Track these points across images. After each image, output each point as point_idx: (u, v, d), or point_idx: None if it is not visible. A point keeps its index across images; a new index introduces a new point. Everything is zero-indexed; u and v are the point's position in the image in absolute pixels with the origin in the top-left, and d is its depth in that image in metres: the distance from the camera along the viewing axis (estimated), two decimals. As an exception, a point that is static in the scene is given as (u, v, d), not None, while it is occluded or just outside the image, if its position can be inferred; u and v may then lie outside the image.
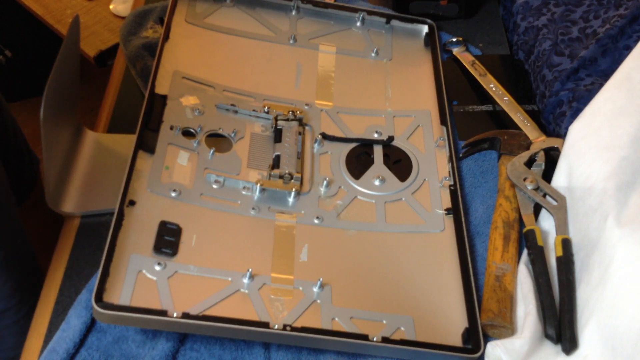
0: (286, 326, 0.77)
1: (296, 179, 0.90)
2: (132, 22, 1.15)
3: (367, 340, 0.78)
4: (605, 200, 0.80)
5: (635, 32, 1.03)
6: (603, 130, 0.86)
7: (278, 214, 0.88)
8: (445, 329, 0.81)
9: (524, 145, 0.98)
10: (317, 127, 0.99)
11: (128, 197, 0.84)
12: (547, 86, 1.03)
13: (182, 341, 0.80)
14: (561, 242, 0.84)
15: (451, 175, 0.96)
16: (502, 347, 0.77)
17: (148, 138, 0.90)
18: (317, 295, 0.81)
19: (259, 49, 1.08)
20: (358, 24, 1.15)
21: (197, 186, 0.88)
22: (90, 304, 0.75)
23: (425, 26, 1.16)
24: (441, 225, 0.91)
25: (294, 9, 1.13)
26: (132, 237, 0.81)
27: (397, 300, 0.83)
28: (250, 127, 0.97)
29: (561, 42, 1.06)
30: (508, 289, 0.84)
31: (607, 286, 0.75)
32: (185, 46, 1.04)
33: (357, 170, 0.95)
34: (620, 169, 0.82)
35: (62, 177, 0.93)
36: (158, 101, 0.94)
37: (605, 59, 1.02)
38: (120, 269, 0.78)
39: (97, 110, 1.10)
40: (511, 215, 0.91)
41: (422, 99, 1.06)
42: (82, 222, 0.92)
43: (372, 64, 1.10)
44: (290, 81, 1.05)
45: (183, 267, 0.80)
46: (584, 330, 0.77)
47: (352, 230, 0.89)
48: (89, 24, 1.74)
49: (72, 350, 0.78)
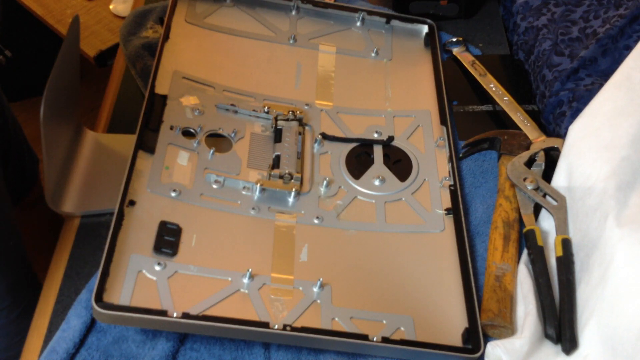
0: (286, 326, 0.77)
1: (296, 179, 0.90)
2: (132, 22, 1.15)
3: (367, 340, 0.78)
4: (605, 200, 0.80)
5: (635, 32, 1.03)
6: (603, 130, 0.86)
7: (278, 214, 0.88)
8: (445, 329, 0.81)
9: (524, 145, 0.98)
10: (317, 127, 0.99)
11: (128, 197, 0.84)
12: (547, 86, 1.03)
13: (182, 341, 0.80)
14: (561, 242, 0.84)
15: (451, 175, 0.96)
16: (502, 347, 0.77)
17: (148, 138, 0.90)
18: (317, 295, 0.81)
19: (259, 49, 1.08)
20: (358, 24, 1.15)
21: (197, 186, 0.88)
22: (90, 304, 0.75)
23: (425, 26, 1.16)
24: (441, 225, 0.91)
25: (294, 9, 1.13)
26: (132, 237, 0.81)
27: (397, 300, 0.83)
28: (250, 127, 0.97)
29: (561, 42, 1.06)
30: (508, 289, 0.84)
31: (607, 286, 0.75)
32: (185, 46, 1.04)
33: (357, 170, 0.95)
34: (620, 169, 0.82)
35: (62, 177, 0.93)
36: (158, 101, 0.94)
37: (605, 59, 1.02)
38: (120, 269, 0.78)
39: (97, 110, 1.10)
40: (511, 215, 0.91)
41: (422, 99, 1.06)
42: (82, 222, 0.92)
43: (372, 64, 1.10)
44: (290, 81, 1.05)
45: (183, 267, 0.80)
46: (584, 330, 0.77)
47: (352, 230, 0.89)
48: (89, 24, 1.74)
49: (72, 350, 0.78)
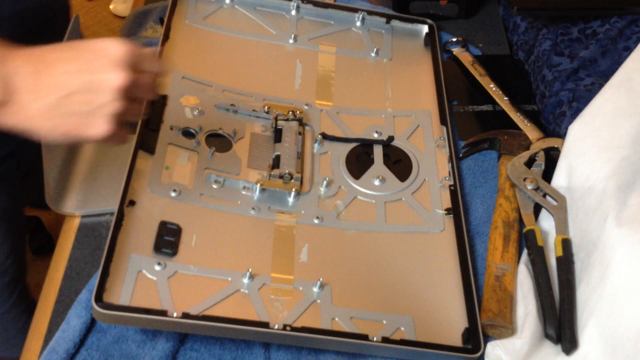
0: (286, 326, 0.77)
1: (296, 179, 0.90)
2: (132, 22, 1.15)
3: (367, 340, 0.78)
4: (605, 200, 0.80)
5: (635, 34, 1.03)
6: (603, 130, 0.86)
7: (278, 214, 0.88)
8: (445, 329, 0.81)
9: (524, 145, 0.98)
10: (317, 127, 0.99)
11: (128, 197, 0.84)
12: (547, 86, 1.03)
13: (182, 341, 0.80)
14: (561, 242, 0.84)
15: (451, 175, 0.96)
16: (502, 347, 0.77)
17: (148, 138, 0.90)
18: (317, 295, 0.81)
19: (259, 49, 1.08)
20: (358, 24, 1.15)
21: (197, 186, 0.88)
22: (90, 304, 0.75)
23: (425, 26, 1.16)
24: (441, 225, 0.91)
25: (294, 9, 1.13)
26: (132, 237, 0.81)
27: (397, 300, 0.83)
28: (250, 127, 0.97)
29: (561, 42, 1.06)
30: (508, 289, 0.84)
31: (607, 286, 0.76)
32: (185, 46, 1.04)
33: (357, 170, 0.95)
34: (620, 169, 0.82)
35: (62, 177, 0.93)
36: (158, 101, 0.94)
37: (605, 59, 1.02)
38: (120, 269, 0.78)
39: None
40: (511, 215, 0.91)
41: (422, 99, 1.06)
42: (82, 222, 0.92)
43: (372, 64, 1.10)
44: (290, 81, 1.05)
45: (183, 267, 0.80)
46: (584, 330, 0.77)
47: (352, 230, 0.89)
48: (89, 24, 1.74)
49: (72, 350, 0.78)
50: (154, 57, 0.75)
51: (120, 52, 0.69)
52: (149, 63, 0.73)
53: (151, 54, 0.74)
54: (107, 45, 0.69)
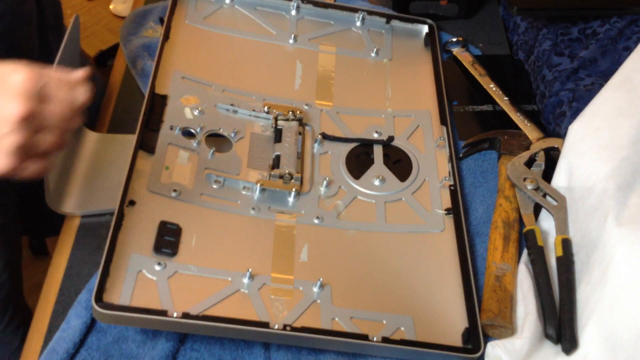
0: (286, 326, 0.77)
1: (296, 179, 0.90)
2: (132, 22, 1.15)
3: (367, 340, 0.78)
4: (605, 200, 0.80)
5: (635, 34, 1.03)
6: (603, 130, 0.87)
7: (278, 214, 0.88)
8: (445, 329, 0.82)
9: (524, 145, 0.98)
10: (317, 127, 0.99)
11: (128, 197, 0.84)
12: (547, 86, 1.03)
13: (182, 341, 0.80)
14: (561, 242, 0.84)
15: (451, 175, 0.96)
16: (502, 347, 0.77)
17: (148, 138, 0.90)
18: (317, 295, 0.81)
19: (259, 49, 1.08)
20: (358, 24, 1.15)
21: (197, 186, 0.88)
22: (90, 304, 0.75)
23: (425, 26, 1.16)
24: (441, 225, 0.91)
25: (294, 9, 1.13)
26: (132, 237, 0.81)
27: (397, 300, 0.83)
28: (250, 127, 0.97)
29: (561, 42, 1.06)
30: (508, 289, 0.84)
31: (607, 286, 0.76)
32: (185, 46, 1.04)
33: (357, 170, 0.95)
34: (620, 169, 0.82)
35: (62, 177, 0.93)
36: (158, 101, 0.94)
37: (605, 59, 1.03)
38: (120, 269, 0.78)
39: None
40: (511, 215, 0.91)
41: (422, 99, 1.06)
42: (82, 222, 0.92)
43: (372, 64, 1.10)
44: (290, 81, 1.05)
45: (183, 267, 0.80)
46: (584, 330, 0.77)
47: (352, 230, 0.89)
48: (89, 24, 1.74)
49: (72, 350, 0.78)
50: (71, 82, 0.68)
51: (20, 79, 0.63)
52: (61, 90, 0.66)
53: (65, 79, 0.67)
54: (7, 72, 0.63)
